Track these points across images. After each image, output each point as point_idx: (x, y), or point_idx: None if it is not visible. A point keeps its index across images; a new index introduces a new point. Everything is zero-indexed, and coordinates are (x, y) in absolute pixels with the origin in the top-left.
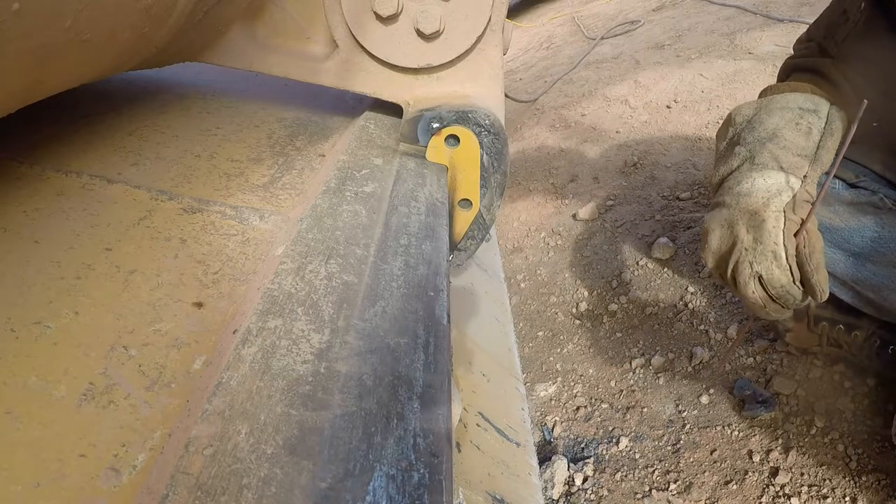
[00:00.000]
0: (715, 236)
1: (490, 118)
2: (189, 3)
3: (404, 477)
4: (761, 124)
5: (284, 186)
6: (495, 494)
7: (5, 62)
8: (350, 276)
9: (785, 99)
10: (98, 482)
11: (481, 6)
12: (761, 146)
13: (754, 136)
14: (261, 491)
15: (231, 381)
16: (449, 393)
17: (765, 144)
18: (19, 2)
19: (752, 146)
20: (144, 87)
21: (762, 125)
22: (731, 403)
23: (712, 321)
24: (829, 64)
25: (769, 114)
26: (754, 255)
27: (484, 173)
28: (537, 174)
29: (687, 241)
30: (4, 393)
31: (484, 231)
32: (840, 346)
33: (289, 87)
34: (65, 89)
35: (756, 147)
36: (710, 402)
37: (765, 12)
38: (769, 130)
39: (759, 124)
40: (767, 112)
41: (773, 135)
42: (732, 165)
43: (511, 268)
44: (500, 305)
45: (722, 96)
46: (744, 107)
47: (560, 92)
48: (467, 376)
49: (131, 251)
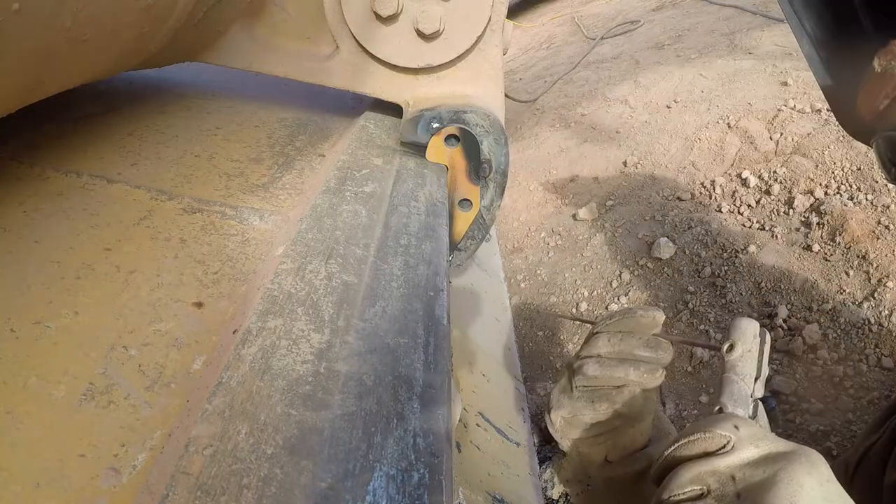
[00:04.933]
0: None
1: (490, 118)
2: (189, 2)
3: (404, 477)
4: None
5: (284, 186)
6: (495, 494)
7: (5, 62)
8: (350, 276)
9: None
10: (98, 482)
11: (481, 6)
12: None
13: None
14: (261, 491)
15: (231, 381)
16: (449, 393)
17: None
18: (19, 2)
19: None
20: (144, 87)
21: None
22: None
23: (712, 321)
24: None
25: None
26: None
27: (484, 173)
28: (537, 174)
29: (687, 241)
30: (4, 393)
31: (484, 231)
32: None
33: (289, 87)
34: (65, 89)
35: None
36: (709, 402)
37: (765, 12)
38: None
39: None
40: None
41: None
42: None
43: (511, 268)
44: (500, 305)
45: (722, 96)
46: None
47: (560, 92)
48: (467, 376)
49: (131, 251)
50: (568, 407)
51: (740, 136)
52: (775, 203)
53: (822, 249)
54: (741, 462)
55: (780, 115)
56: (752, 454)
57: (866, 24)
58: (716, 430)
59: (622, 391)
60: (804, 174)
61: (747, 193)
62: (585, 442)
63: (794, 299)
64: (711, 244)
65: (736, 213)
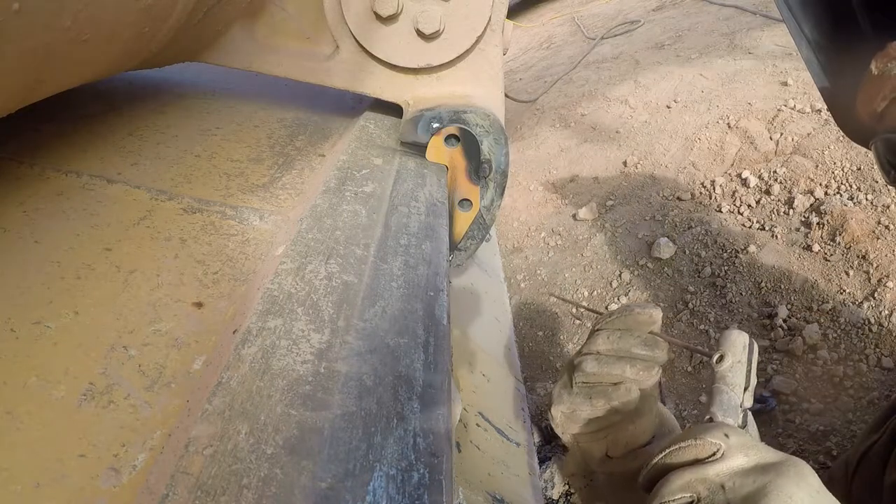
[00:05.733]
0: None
1: (490, 118)
2: (189, 3)
3: (404, 477)
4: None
5: (284, 186)
6: (495, 494)
7: (5, 62)
8: (350, 276)
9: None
10: (98, 482)
11: (481, 6)
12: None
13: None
14: (261, 491)
15: (231, 381)
16: (449, 393)
17: None
18: (19, 2)
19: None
20: (144, 87)
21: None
22: None
23: (712, 321)
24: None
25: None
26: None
27: (484, 173)
28: (537, 174)
29: (687, 241)
30: (4, 393)
31: (484, 231)
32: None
33: (289, 87)
34: (65, 89)
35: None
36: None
37: (764, 12)
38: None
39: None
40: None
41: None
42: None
43: (511, 268)
44: (500, 305)
45: (722, 96)
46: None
47: (560, 92)
48: (467, 376)
49: (131, 251)
50: (567, 402)
51: (740, 136)
52: (775, 203)
53: (822, 249)
54: (731, 470)
55: (780, 115)
56: (741, 462)
57: (864, 25)
58: (706, 438)
59: (618, 388)
60: (804, 174)
61: (747, 193)
62: (585, 437)
63: (794, 299)
64: (711, 244)
65: (736, 213)
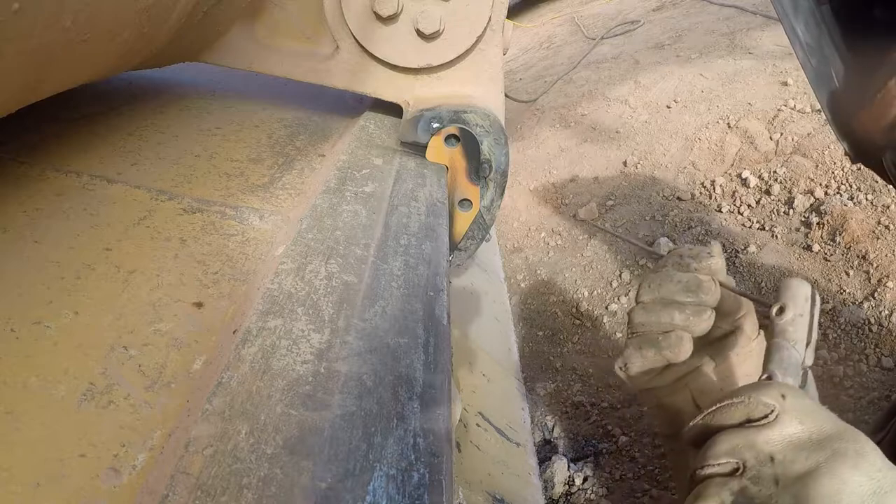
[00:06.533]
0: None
1: (490, 118)
2: (189, 3)
3: (404, 477)
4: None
5: (284, 186)
6: (495, 494)
7: (5, 62)
8: (350, 276)
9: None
10: (98, 482)
11: (481, 6)
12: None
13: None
14: (261, 491)
15: (231, 381)
16: (449, 393)
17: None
18: (19, 2)
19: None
20: (144, 87)
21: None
22: None
23: None
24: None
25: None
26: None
27: (484, 173)
28: (537, 174)
29: (687, 241)
30: (4, 393)
31: (484, 231)
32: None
33: (289, 87)
34: (65, 89)
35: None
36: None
37: (764, 12)
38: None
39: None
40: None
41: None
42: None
43: (511, 268)
44: (500, 305)
45: (722, 96)
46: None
47: (560, 92)
48: (467, 376)
49: (131, 251)
50: (622, 357)
51: (740, 136)
52: (775, 203)
53: (822, 249)
54: (783, 439)
55: (780, 115)
56: (796, 430)
57: (863, 26)
58: (759, 397)
59: (669, 336)
60: (804, 174)
61: (747, 193)
62: (663, 391)
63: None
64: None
65: (736, 213)
